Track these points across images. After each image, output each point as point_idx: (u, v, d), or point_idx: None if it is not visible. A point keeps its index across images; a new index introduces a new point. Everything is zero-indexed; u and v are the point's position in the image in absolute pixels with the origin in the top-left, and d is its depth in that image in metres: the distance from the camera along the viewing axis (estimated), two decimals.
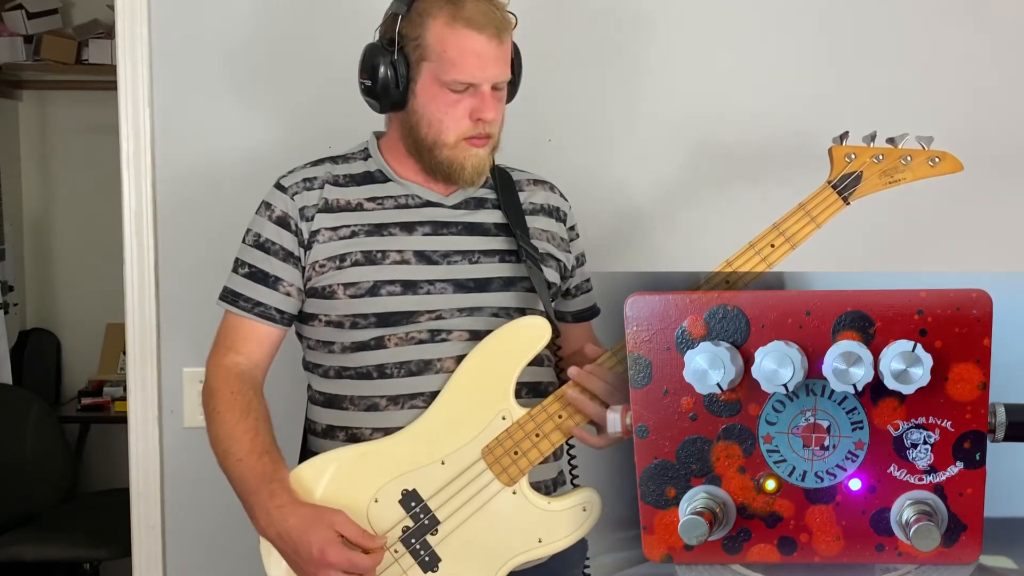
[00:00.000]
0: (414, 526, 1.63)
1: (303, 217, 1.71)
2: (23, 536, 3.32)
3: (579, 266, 1.87)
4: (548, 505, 1.64)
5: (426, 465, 1.63)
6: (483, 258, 1.72)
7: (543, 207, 1.81)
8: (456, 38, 1.64)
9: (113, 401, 4.11)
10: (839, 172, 1.62)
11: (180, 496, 2.34)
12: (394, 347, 1.68)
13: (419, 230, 1.71)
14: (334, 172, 1.75)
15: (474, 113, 1.66)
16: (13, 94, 4.33)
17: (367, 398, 1.69)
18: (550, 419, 1.63)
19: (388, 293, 1.67)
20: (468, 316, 1.69)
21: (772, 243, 1.62)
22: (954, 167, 1.62)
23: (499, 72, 1.67)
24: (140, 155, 2.28)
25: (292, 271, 1.71)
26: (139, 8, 2.25)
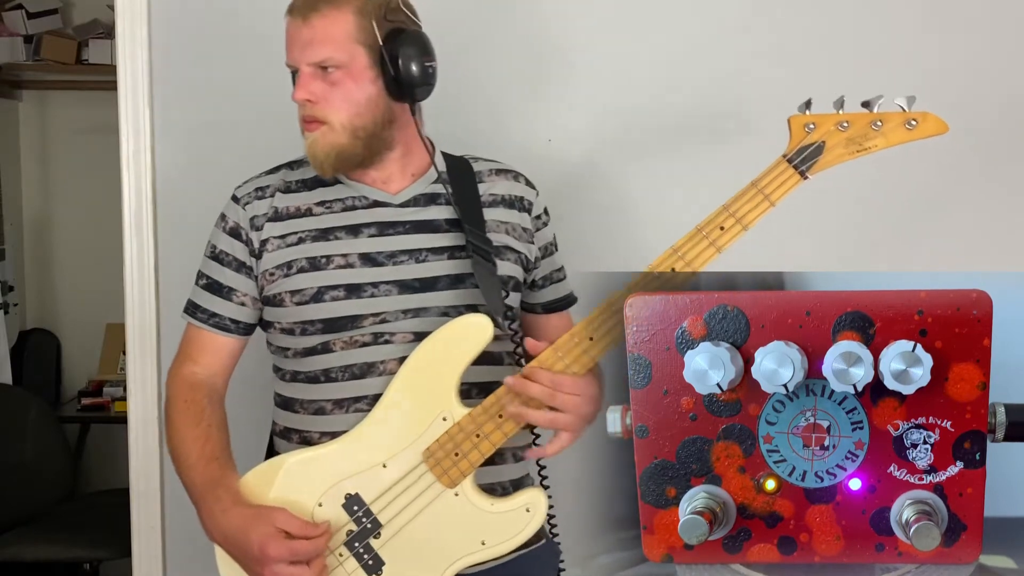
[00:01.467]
0: (357, 530, 1.63)
1: (253, 227, 1.72)
2: (23, 536, 3.32)
3: (547, 256, 1.82)
4: (491, 507, 1.62)
5: (368, 468, 1.63)
6: (431, 256, 1.70)
7: (504, 198, 1.77)
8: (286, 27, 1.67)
9: (113, 401, 4.11)
10: (796, 144, 1.51)
11: (180, 496, 2.33)
12: (339, 351, 1.68)
13: (365, 232, 1.70)
14: (288, 178, 1.75)
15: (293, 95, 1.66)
16: (13, 94, 4.33)
17: (315, 402, 1.70)
18: (490, 420, 1.60)
19: (332, 298, 1.67)
20: (413, 318, 1.67)
21: (722, 225, 1.53)
22: (937, 128, 1.49)
23: (312, 52, 1.64)
24: (140, 155, 2.28)
25: (245, 281, 1.73)
26: (139, 8, 2.25)
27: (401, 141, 1.71)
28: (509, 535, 1.62)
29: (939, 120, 1.49)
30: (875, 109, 1.49)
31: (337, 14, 1.63)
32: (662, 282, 1.51)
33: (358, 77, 1.64)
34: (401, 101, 1.68)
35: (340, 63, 1.63)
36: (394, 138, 1.70)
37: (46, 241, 4.43)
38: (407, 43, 1.65)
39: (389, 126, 1.68)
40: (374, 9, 1.64)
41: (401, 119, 1.69)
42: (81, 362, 4.38)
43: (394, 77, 1.65)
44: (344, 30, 1.63)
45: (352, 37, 1.64)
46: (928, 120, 1.49)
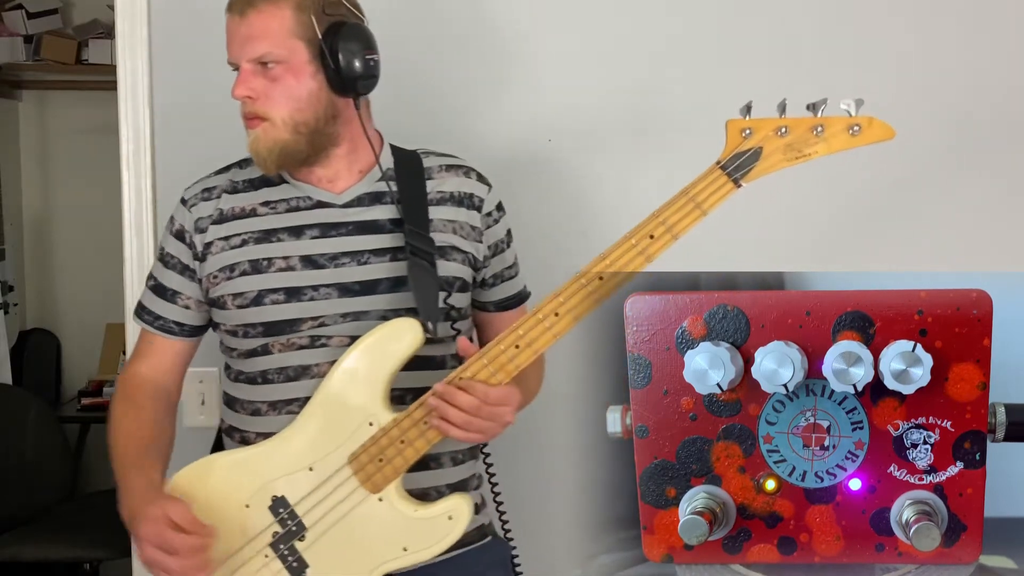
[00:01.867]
0: (282, 532, 1.62)
1: (197, 229, 1.71)
2: (23, 536, 3.32)
3: (497, 254, 1.78)
4: (414, 513, 1.61)
5: (295, 471, 1.62)
6: (372, 258, 1.68)
7: (452, 195, 1.74)
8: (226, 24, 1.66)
9: None
10: (732, 150, 1.45)
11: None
12: (277, 353, 1.67)
13: (307, 233, 1.68)
14: (235, 178, 1.74)
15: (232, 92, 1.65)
16: (13, 94, 4.33)
17: (252, 403, 1.70)
18: (415, 426, 1.58)
19: (272, 302, 1.66)
20: (353, 321, 1.66)
21: (652, 234, 1.49)
22: (882, 134, 1.43)
23: (247, 49, 1.63)
24: (140, 155, 2.28)
25: (190, 284, 1.72)
26: (139, 8, 2.25)
27: (347, 137, 1.69)
28: (431, 541, 1.61)
29: (885, 125, 1.43)
30: (820, 113, 1.43)
31: (275, 9, 1.62)
32: (592, 289, 1.49)
33: (298, 72, 1.63)
34: (344, 95, 1.66)
35: (279, 59, 1.62)
36: (339, 134, 1.68)
37: (46, 241, 4.43)
38: (347, 36, 1.63)
39: (333, 121, 1.66)
40: (313, 3, 1.63)
41: (345, 114, 1.67)
42: (81, 362, 4.38)
43: (335, 71, 1.63)
44: (282, 25, 1.62)
45: (291, 32, 1.62)
46: (873, 125, 1.43)
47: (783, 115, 1.43)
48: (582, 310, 1.51)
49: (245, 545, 1.63)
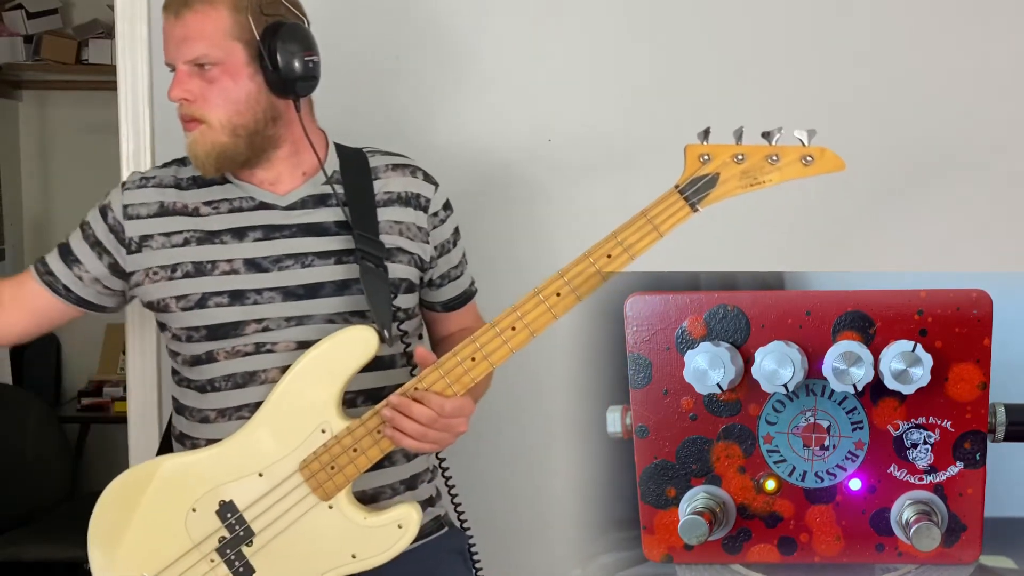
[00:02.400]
0: (229, 537, 1.61)
1: (126, 214, 1.69)
2: (23, 536, 3.32)
3: (444, 254, 1.77)
4: (363, 521, 1.60)
5: (244, 476, 1.61)
6: (317, 261, 1.66)
7: (399, 196, 1.72)
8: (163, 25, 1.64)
9: (113, 401, 4.11)
10: (690, 175, 1.47)
11: None
12: (223, 360, 1.66)
13: (251, 236, 1.66)
14: (179, 175, 1.72)
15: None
16: (13, 94, 4.33)
17: (201, 411, 1.69)
18: (369, 435, 1.57)
19: (216, 305, 1.65)
20: (297, 325, 1.65)
21: (609, 253, 1.51)
22: (833, 166, 1.46)
23: (182, 51, 1.60)
24: (140, 155, 2.28)
25: (94, 260, 1.71)
26: (139, 8, 2.25)
27: (288, 139, 1.67)
28: (380, 549, 1.60)
29: (835, 157, 1.46)
30: (775, 141, 1.45)
31: (211, 10, 1.59)
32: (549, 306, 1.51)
33: (236, 74, 1.61)
34: (283, 97, 1.64)
35: (216, 60, 1.60)
36: (279, 136, 1.66)
37: (46, 241, 4.43)
38: (286, 37, 1.61)
39: (272, 123, 1.64)
40: (250, 4, 1.60)
41: (286, 116, 1.65)
42: (81, 362, 4.38)
43: (274, 73, 1.60)
44: (219, 26, 1.59)
45: (227, 33, 1.60)
46: (825, 156, 1.45)
47: (739, 142, 1.45)
48: (539, 325, 1.52)
49: (191, 549, 1.62)
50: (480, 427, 2.20)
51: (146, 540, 1.64)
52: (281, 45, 1.60)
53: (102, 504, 1.68)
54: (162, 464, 1.67)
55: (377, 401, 1.60)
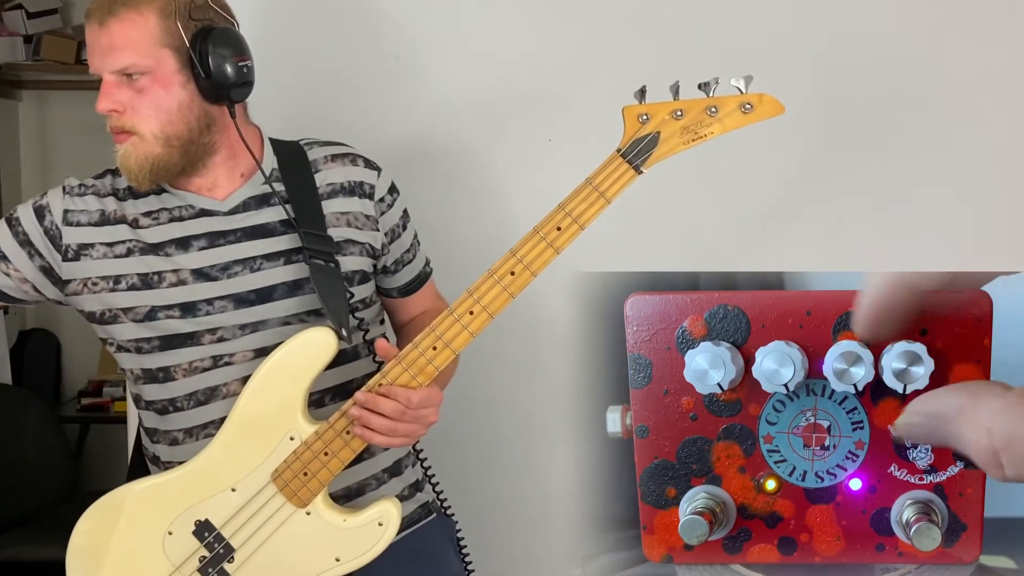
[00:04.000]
0: (210, 556, 1.59)
1: (65, 220, 1.64)
2: (23, 536, 3.32)
3: (395, 239, 1.73)
4: (343, 523, 1.58)
5: (217, 493, 1.58)
6: (266, 264, 1.61)
7: (342, 186, 1.67)
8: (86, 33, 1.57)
9: (113, 401, 4.11)
10: (631, 137, 1.44)
11: None
12: (182, 378, 1.62)
13: (195, 245, 1.61)
14: (116, 185, 1.67)
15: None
16: (13, 94, 4.33)
17: (168, 433, 1.66)
18: (338, 437, 1.54)
19: (167, 317, 1.60)
20: (252, 332, 1.61)
21: (559, 225, 1.46)
22: (773, 110, 1.43)
23: (108, 61, 1.54)
24: None
25: (24, 259, 1.64)
26: None
27: (224, 144, 1.62)
28: (363, 549, 1.58)
29: (774, 101, 1.43)
30: (712, 93, 1.43)
31: (136, 17, 1.52)
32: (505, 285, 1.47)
33: (166, 83, 1.54)
34: (218, 104, 1.58)
35: (145, 69, 1.53)
36: (215, 142, 1.60)
37: None
38: (218, 42, 1.55)
39: (207, 131, 1.59)
40: (178, 8, 1.54)
41: (220, 121, 1.60)
42: (81, 362, 4.38)
43: (207, 79, 1.54)
44: (146, 33, 1.53)
45: (156, 40, 1.53)
46: (764, 102, 1.42)
47: (676, 97, 1.43)
48: (497, 306, 1.49)
49: (172, 572, 1.60)
50: (480, 427, 2.20)
51: (125, 569, 1.62)
52: (213, 50, 1.54)
53: (77, 535, 1.65)
54: (133, 489, 1.63)
55: (345, 396, 1.57)
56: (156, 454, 1.70)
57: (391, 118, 2.18)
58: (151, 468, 1.72)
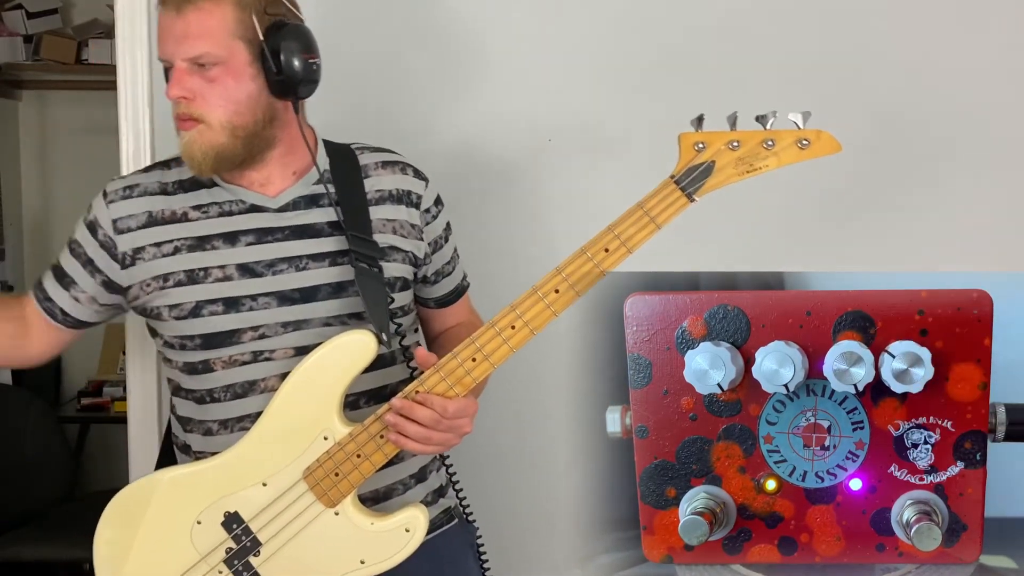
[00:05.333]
0: (236, 548, 1.60)
1: (116, 229, 1.66)
2: (23, 536, 3.32)
3: (437, 250, 1.74)
4: (371, 526, 1.59)
5: (248, 487, 1.59)
6: (311, 264, 1.63)
7: (391, 193, 1.69)
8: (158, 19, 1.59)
9: (113, 401, 4.11)
10: (685, 164, 1.44)
11: None
12: (220, 371, 1.64)
13: (242, 240, 1.63)
14: (164, 179, 1.69)
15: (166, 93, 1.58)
16: (13, 94, 4.33)
17: (203, 423, 1.67)
18: (372, 440, 1.56)
19: (210, 313, 1.62)
20: (294, 331, 1.62)
21: (607, 247, 1.47)
22: (830, 148, 1.42)
23: (183, 48, 1.55)
24: (140, 155, 2.28)
25: (87, 278, 1.68)
26: (139, 8, 2.25)
27: (283, 139, 1.64)
28: (388, 554, 1.59)
29: (832, 139, 1.42)
30: (769, 125, 1.42)
31: (214, 7, 1.54)
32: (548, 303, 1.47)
33: (238, 74, 1.56)
34: (284, 99, 1.60)
35: (218, 59, 1.55)
36: (275, 136, 1.62)
37: (46, 241, 4.43)
38: (289, 38, 1.57)
39: (270, 125, 1.61)
40: (253, 2, 1.56)
41: (283, 117, 1.62)
42: (81, 362, 4.38)
43: (276, 74, 1.57)
44: (222, 24, 1.55)
45: (231, 32, 1.55)
46: (822, 139, 1.42)
47: (734, 128, 1.42)
48: (539, 323, 1.50)
49: (198, 562, 1.60)
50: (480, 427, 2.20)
51: (152, 556, 1.63)
52: (284, 46, 1.57)
53: (105, 522, 1.66)
54: (163, 478, 1.64)
55: (380, 400, 1.59)
56: (188, 443, 1.71)
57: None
58: (180, 457, 1.74)
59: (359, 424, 1.56)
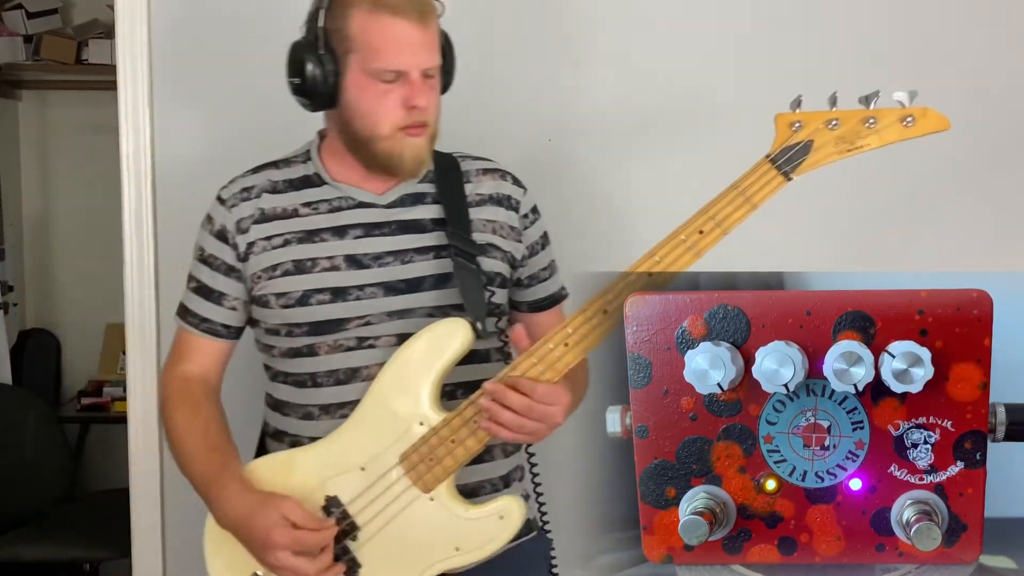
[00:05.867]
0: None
1: (239, 230, 1.71)
2: (23, 536, 3.32)
3: (534, 255, 1.81)
4: (465, 513, 1.62)
5: (347, 471, 1.63)
6: (416, 257, 1.69)
7: (491, 197, 1.76)
8: (379, 26, 1.61)
9: (113, 401, 4.11)
10: (781, 143, 1.44)
11: (180, 496, 2.34)
12: (324, 355, 1.68)
13: (351, 233, 1.70)
14: (273, 178, 1.74)
15: (406, 101, 1.62)
16: (13, 94, 4.33)
17: (303, 407, 1.71)
18: (465, 425, 1.59)
19: (318, 302, 1.67)
20: (399, 319, 1.67)
21: (701, 229, 1.48)
22: (937, 125, 1.41)
23: (427, 58, 1.64)
24: (140, 155, 2.28)
25: (235, 285, 1.72)
26: (139, 8, 2.25)
27: None
28: (483, 542, 1.62)
29: (940, 116, 1.40)
30: (872, 105, 1.41)
31: (436, 22, 1.66)
32: (640, 286, 1.47)
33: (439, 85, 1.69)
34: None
35: (437, 71, 1.67)
36: None
37: (46, 241, 4.43)
38: (450, 52, 1.70)
39: None
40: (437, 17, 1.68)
41: None
42: (81, 362, 4.38)
43: (444, 84, 1.70)
44: (439, 38, 1.67)
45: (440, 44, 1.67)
46: (928, 116, 1.40)
47: (833, 108, 1.41)
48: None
49: None
50: None
51: None
52: (450, 58, 1.70)
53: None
54: (266, 463, 1.69)
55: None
56: (281, 428, 1.74)
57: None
58: (272, 445, 1.76)
59: (455, 410, 1.60)
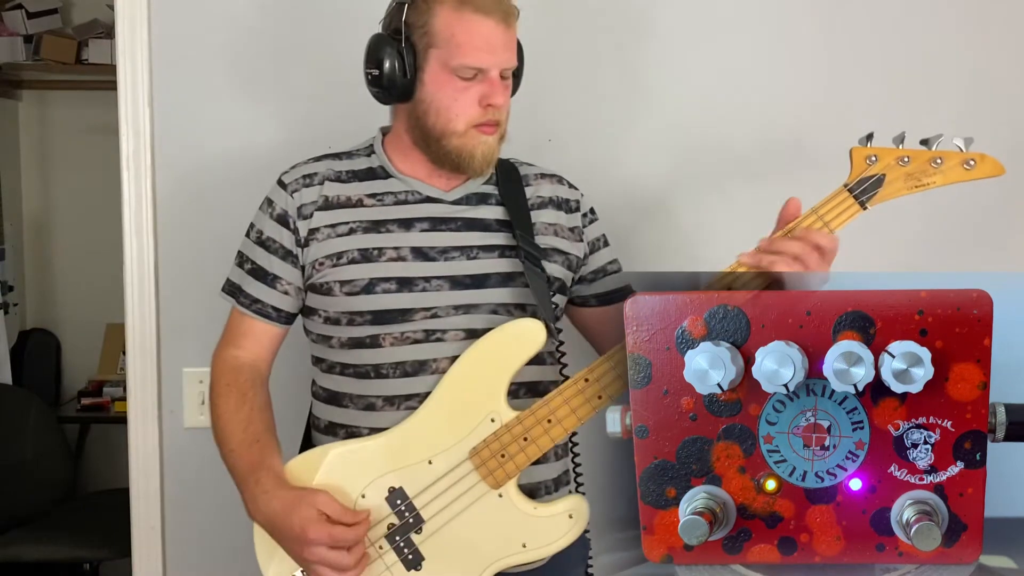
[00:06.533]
0: (399, 524, 1.63)
1: (300, 215, 1.71)
2: (23, 536, 3.33)
3: (596, 251, 1.84)
4: (534, 510, 1.63)
5: (414, 464, 1.63)
6: (482, 254, 1.71)
7: (551, 200, 1.79)
8: (465, 23, 1.63)
9: (113, 401, 4.12)
10: (858, 175, 1.56)
11: (180, 496, 2.34)
12: (390, 346, 1.68)
13: (417, 226, 1.71)
14: (336, 168, 1.75)
15: (484, 99, 1.65)
16: (13, 94, 4.33)
17: (364, 397, 1.70)
18: (539, 424, 1.61)
19: (384, 291, 1.67)
20: (465, 314, 1.68)
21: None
22: (994, 170, 1.54)
23: (508, 58, 1.67)
24: (140, 155, 2.28)
25: (291, 270, 1.72)
26: (139, 8, 2.25)
27: None
28: (550, 539, 1.63)
29: (996, 162, 1.53)
30: (934, 147, 1.53)
31: (515, 24, 1.69)
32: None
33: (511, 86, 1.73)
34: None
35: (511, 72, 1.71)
36: None
37: (46, 241, 4.43)
38: (522, 55, 1.73)
39: None
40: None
41: None
42: (81, 362, 4.38)
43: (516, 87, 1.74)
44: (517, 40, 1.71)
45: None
46: (986, 161, 1.53)
47: (901, 147, 1.53)
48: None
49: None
50: None
51: None
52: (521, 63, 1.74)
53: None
54: (330, 451, 1.68)
55: (537, 394, 1.66)
56: (334, 421, 1.74)
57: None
58: (321, 439, 1.76)
59: (527, 408, 1.61)
